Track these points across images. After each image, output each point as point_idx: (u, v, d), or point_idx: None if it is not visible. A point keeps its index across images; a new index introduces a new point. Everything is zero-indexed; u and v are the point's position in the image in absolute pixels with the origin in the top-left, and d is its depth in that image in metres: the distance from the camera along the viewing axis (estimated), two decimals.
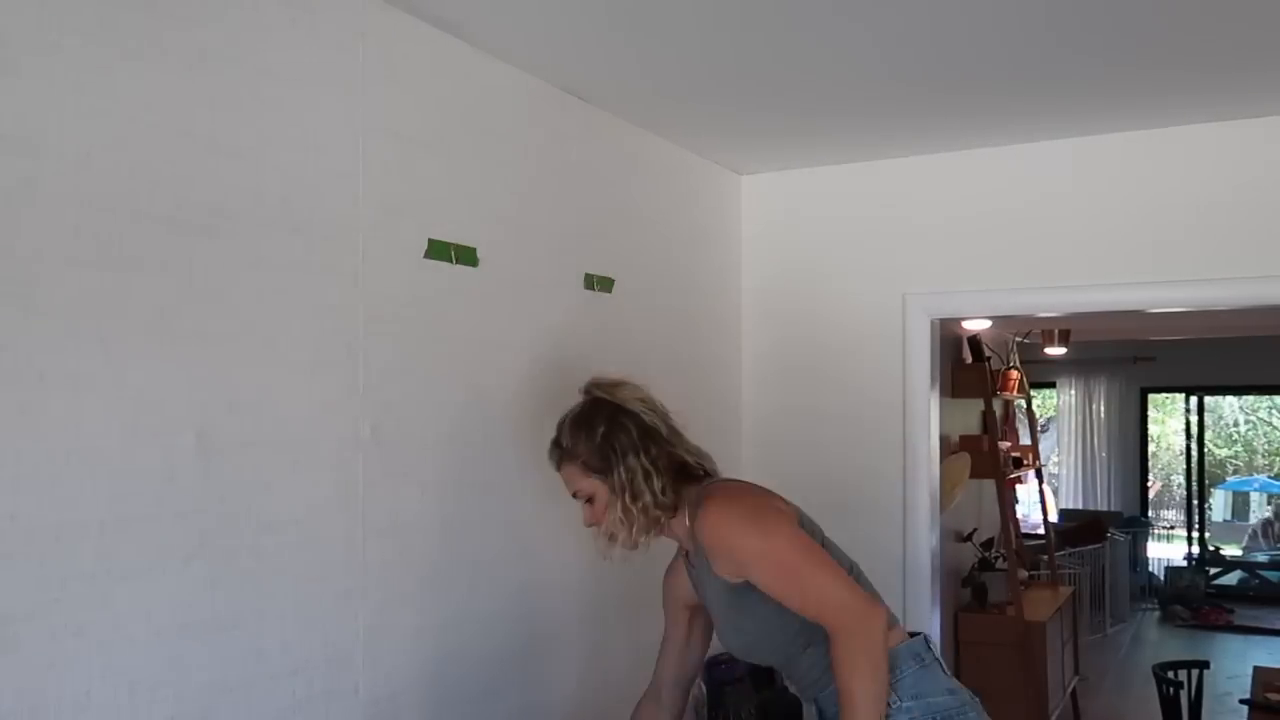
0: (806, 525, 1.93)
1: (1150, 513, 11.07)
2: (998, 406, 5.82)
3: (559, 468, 2.00)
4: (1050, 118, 2.86)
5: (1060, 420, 10.93)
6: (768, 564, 1.82)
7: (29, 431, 1.41)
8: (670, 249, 3.06)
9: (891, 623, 1.83)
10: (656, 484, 1.92)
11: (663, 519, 1.94)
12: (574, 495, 1.99)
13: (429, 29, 2.12)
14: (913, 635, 1.93)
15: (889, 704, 1.78)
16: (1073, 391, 10.73)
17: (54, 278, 1.44)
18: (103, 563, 1.49)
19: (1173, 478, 13.29)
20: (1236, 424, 14.42)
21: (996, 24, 2.17)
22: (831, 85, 2.58)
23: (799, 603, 1.81)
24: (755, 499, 1.93)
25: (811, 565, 1.81)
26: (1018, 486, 7.08)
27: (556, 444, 2.00)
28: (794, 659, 1.94)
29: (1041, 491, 6.97)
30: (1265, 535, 11.31)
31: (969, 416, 5.70)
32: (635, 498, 1.91)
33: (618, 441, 1.93)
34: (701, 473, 1.99)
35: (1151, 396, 11.05)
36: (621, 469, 1.92)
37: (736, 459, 3.31)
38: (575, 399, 2.56)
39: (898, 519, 3.23)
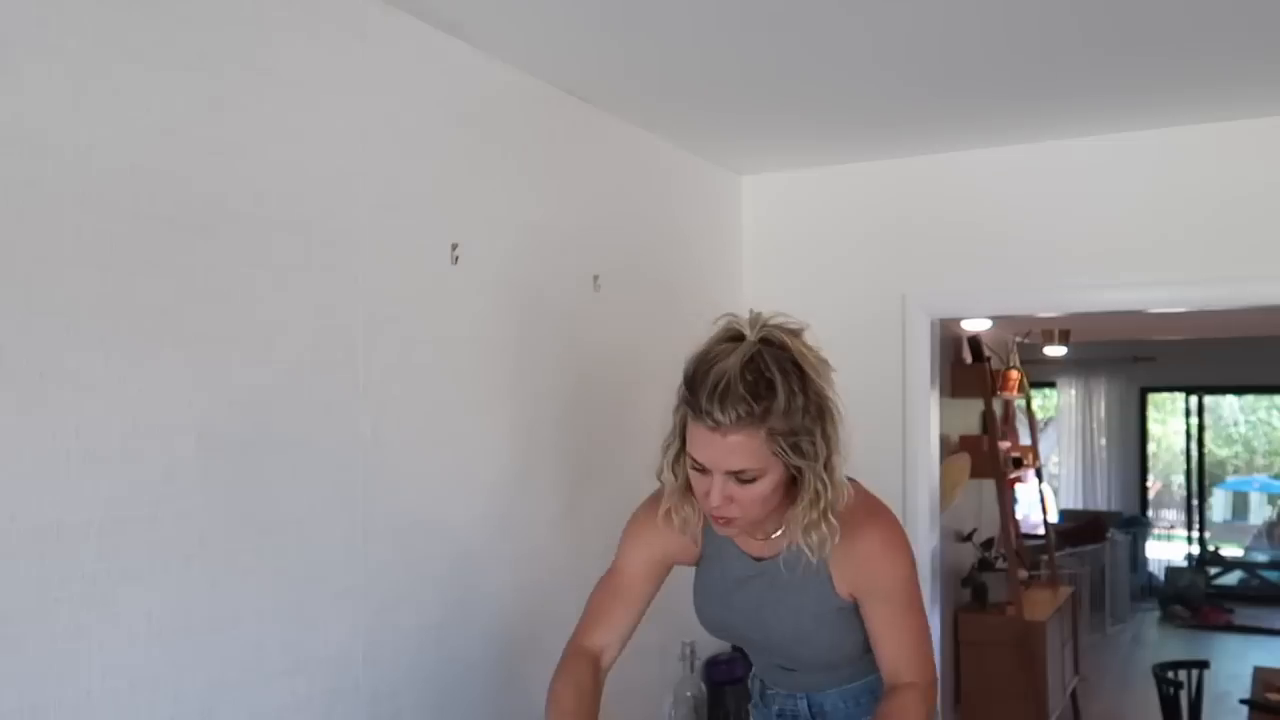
0: None
1: (1150, 513, 11.05)
2: (998, 406, 5.82)
3: (729, 435, 1.51)
4: (1050, 118, 2.86)
5: (1060, 420, 10.92)
6: (904, 596, 1.68)
7: (29, 431, 1.41)
8: (671, 249, 3.06)
9: None
10: (836, 463, 1.57)
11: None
12: (740, 474, 1.54)
13: (429, 29, 2.12)
14: None
15: None
16: (1073, 391, 10.72)
17: (54, 278, 1.44)
18: (103, 563, 1.49)
19: (1173, 478, 13.27)
20: (1236, 424, 14.41)
21: (996, 24, 2.17)
22: (831, 85, 2.58)
23: (899, 640, 1.67)
24: None
25: (923, 610, 1.73)
26: (1018, 486, 7.09)
27: (746, 400, 1.49)
28: (839, 666, 1.79)
29: (1041, 491, 6.98)
30: (1269, 536, 11.29)
31: (969, 416, 5.70)
32: (805, 477, 1.56)
33: (811, 408, 1.54)
34: None
35: (1151, 396, 11.04)
36: (817, 441, 1.55)
37: None
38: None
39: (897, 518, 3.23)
